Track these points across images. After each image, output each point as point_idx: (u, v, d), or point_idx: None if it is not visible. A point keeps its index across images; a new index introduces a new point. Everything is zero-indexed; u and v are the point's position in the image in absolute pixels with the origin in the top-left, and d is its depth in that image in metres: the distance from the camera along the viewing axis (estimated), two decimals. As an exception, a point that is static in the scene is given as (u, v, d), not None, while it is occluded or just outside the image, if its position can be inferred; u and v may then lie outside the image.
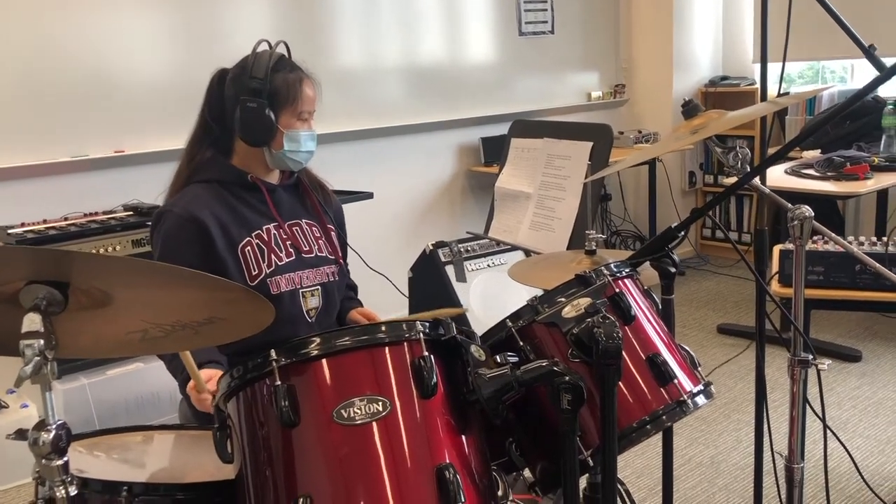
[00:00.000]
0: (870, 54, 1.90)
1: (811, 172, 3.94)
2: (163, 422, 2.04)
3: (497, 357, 1.21)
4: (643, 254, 1.58)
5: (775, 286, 2.24)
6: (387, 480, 1.07)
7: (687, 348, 1.51)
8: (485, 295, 3.05)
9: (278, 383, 1.11)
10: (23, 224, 3.17)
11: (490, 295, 3.01)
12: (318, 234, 1.97)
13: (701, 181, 5.68)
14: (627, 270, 1.47)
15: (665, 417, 1.34)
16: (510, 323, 1.37)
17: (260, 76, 1.79)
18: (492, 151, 4.74)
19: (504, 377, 1.17)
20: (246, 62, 1.83)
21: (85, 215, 3.30)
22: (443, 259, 3.41)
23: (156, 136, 3.50)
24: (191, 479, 1.40)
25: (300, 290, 1.88)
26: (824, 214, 4.93)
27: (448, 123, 4.70)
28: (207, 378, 1.60)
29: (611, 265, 1.44)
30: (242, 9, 3.85)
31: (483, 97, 4.85)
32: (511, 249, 3.00)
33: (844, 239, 2.23)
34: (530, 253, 2.81)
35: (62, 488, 1.07)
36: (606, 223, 5.61)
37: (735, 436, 3.17)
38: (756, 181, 1.66)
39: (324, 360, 1.12)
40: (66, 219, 3.25)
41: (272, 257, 1.85)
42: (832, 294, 2.14)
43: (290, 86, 1.83)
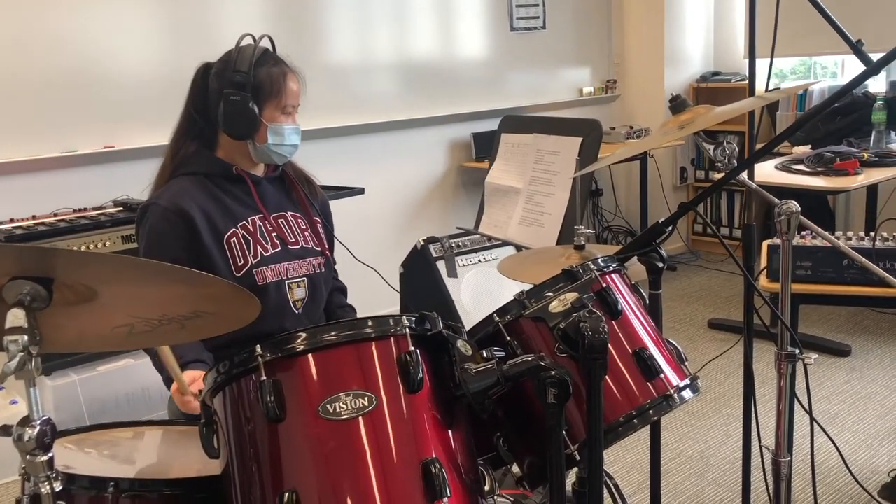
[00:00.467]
0: (857, 50, 1.91)
1: (801, 168, 3.96)
2: (152, 418, 2.04)
3: (484, 352, 1.21)
4: (631, 249, 1.58)
5: (763, 281, 2.24)
6: (373, 475, 1.07)
7: (674, 343, 1.51)
8: (476, 290, 3.05)
9: (264, 378, 1.11)
10: (12, 220, 3.16)
11: (481, 290, 3.01)
12: (304, 226, 1.97)
13: (692, 177, 5.70)
14: (615, 265, 1.47)
15: (652, 412, 1.35)
16: (497, 318, 1.37)
17: (244, 70, 1.78)
18: (483, 147, 4.74)
19: (490, 372, 1.17)
20: (230, 56, 1.82)
21: (74, 211, 3.29)
22: (434, 255, 3.40)
23: (145, 132, 3.48)
24: (177, 475, 1.40)
25: (286, 282, 1.88)
26: (814, 210, 4.95)
27: (439, 119, 4.70)
28: (192, 379, 1.60)
29: (598, 260, 1.44)
30: (233, 4, 3.84)
31: (475, 92, 4.85)
32: (502, 245, 3.00)
33: (834, 234, 2.24)
34: (521, 248, 2.81)
35: (47, 484, 1.07)
36: (598, 218, 5.62)
37: (724, 430, 3.18)
38: (744, 176, 1.67)
39: (309, 356, 1.12)
40: (56, 214, 3.24)
41: (258, 248, 1.85)
42: (820, 289, 2.15)
43: (274, 80, 1.83)
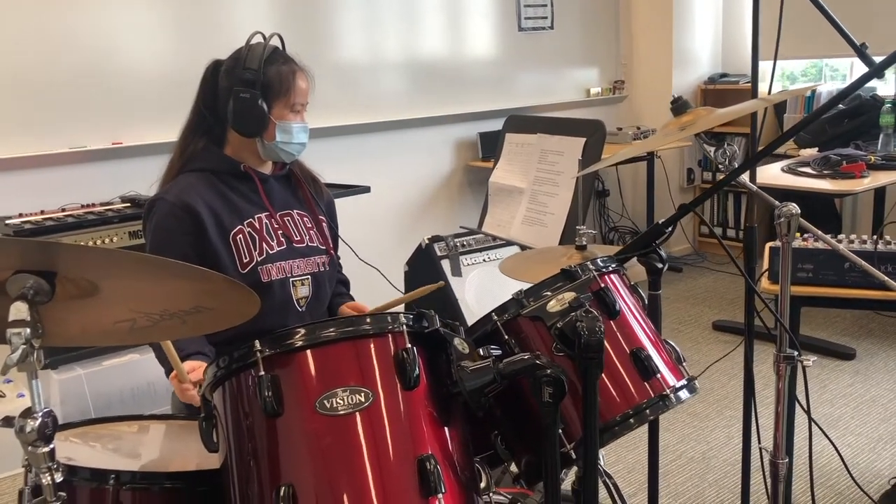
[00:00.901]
0: (861, 52, 1.91)
1: (808, 170, 3.95)
2: (155, 412, 2.05)
3: (480, 350, 1.22)
4: (631, 249, 1.59)
5: (765, 283, 2.25)
6: (368, 470, 1.08)
7: (673, 344, 1.52)
8: (480, 289, 3.06)
9: (262, 373, 1.12)
10: (20, 215, 3.19)
11: (485, 289, 3.02)
12: (310, 225, 1.98)
13: (699, 178, 5.69)
14: (614, 266, 1.48)
15: (648, 411, 1.35)
16: (496, 316, 1.38)
17: (254, 67, 1.80)
18: (490, 146, 4.75)
19: (486, 370, 1.18)
20: (240, 54, 1.84)
21: (82, 206, 3.31)
22: (439, 253, 3.41)
23: (154, 128, 3.51)
24: (178, 468, 1.42)
25: (290, 279, 1.89)
26: (821, 213, 4.94)
27: (446, 118, 4.71)
28: (191, 369, 1.62)
29: (597, 260, 1.45)
30: (242, 3, 3.86)
31: (482, 92, 4.86)
32: (507, 244, 3.01)
33: (838, 237, 2.24)
34: (525, 248, 2.82)
35: (48, 475, 1.09)
36: (604, 219, 5.63)
37: (727, 432, 3.18)
38: (745, 179, 1.67)
39: (308, 351, 1.14)
40: (64, 210, 3.27)
41: (263, 245, 1.87)
42: (821, 291, 2.15)
43: (284, 78, 1.84)
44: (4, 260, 1.06)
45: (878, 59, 1.80)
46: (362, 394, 1.11)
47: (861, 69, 5.22)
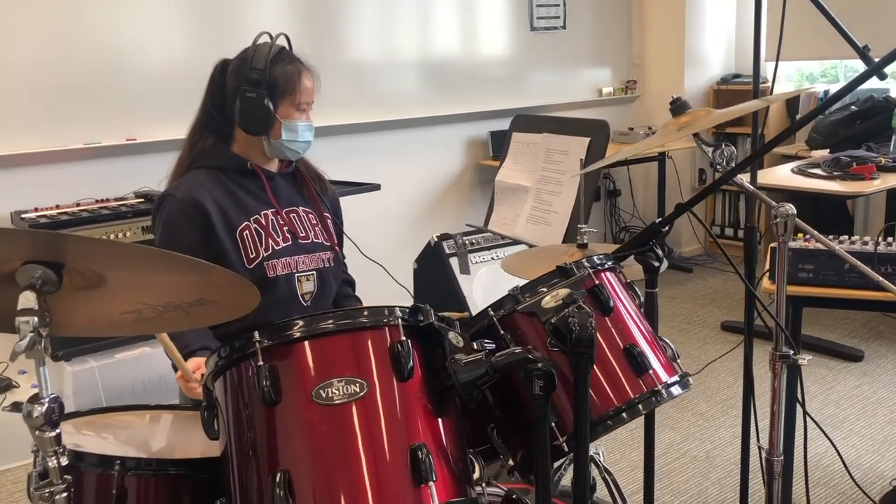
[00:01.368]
0: (863, 54, 1.93)
1: (817, 172, 3.95)
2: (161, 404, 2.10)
3: (474, 344, 1.25)
4: (628, 248, 1.61)
5: (766, 283, 2.26)
6: (362, 458, 1.12)
7: (667, 341, 1.54)
8: (488, 287, 3.09)
9: (261, 363, 1.16)
10: (36, 209, 3.25)
11: (493, 287, 3.05)
12: (315, 222, 2.02)
13: (711, 178, 5.69)
14: (609, 264, 1.50)
15: (641, 405, 1.38)
16: (492, 312, 1.41)
17: (260, 67, 1.84)
18: (500, 145, 4.74)
19: (479, 363, 1.21)
20: (246, 54, 1.88)
21: (97, 201, 3.37)
22: (447, 251, 3.45)
23: (167, 126, 3.55)
24: (182, 456, 1.46)
25: (296, 275, 1.93)
26: (833, 214, 4.93)
27: (458, 117, 4.74)
28: (196, 366, 1.66)
29: (593, 258, 1.48)
30: (257, 1, 3.90)
31: (494, 91, 4.88)
32: (514, 243, 3.04)
33: (840, 238, 2.25)
34: (533, 246, 2.84)
35: (54, 458, 1.13)
36: (615, 219, 5.64)
37: (731, 431, 3.19)
38: (743, 180, 1.69)
39: (305, 343, 1.17)
40: (79, 204, 3.33)
41: (269, 241, 1.90)
42: (822, 292, 2.17)
43: (289, 77, 1.88)
44: (14, 251, 1.10)
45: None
46: (357, 384, 1.15)
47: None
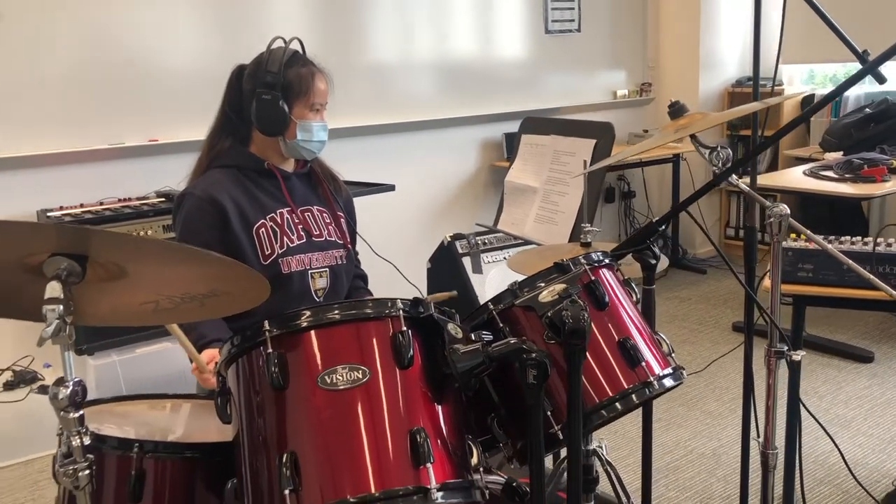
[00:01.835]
0: (863, 59, 1.97)
1: (829, 174, 3.98)
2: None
3: (473, 335, 1.32)
4: (625, 246, 1.67)
5: (767, 282, 2.31)
6: (364, 440, 1.19)
7: (663, 336, 1.60)
8: (500, 286, 3.13)
9: (270, 351, 1.23)
10: (61, 207, 3.35)
11: (505, 286, 3.11)
12: (329, 220, 2.09)
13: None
14: (607, 261, 1.56)
15: (634, 396, 1.44)
16: (492, 306, 1.48)
17: (274, 70, 1.92)
18: (514, 147, 4.83)
19: (476, 353, 1.27)
20: (261, 58, 1.96)
21: (119, 200, 3.47)
22: (460, 251, 3.51)
23: (188, 127, 3.65)
24: (197, 441, 1.54)
25: (309, 271, 2.01)
26: (848, 216, 4.94)
27: (473, 119, 4.80)
28: (210, 357, 1.74)
29: (590, 255, 1.54)
30: (276, 4, 3.99)
31: (509, 94, 4.94)
32: (526, 243, 3.10)
33: (841, 238, 2.30)
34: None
35: (77, 438, 1.21)
36: (630, 220, 5.68)
37: (738, 430, 3.16)
38: (739, 181, 1.75)
39: (312, 332, 1.25)
40: (102, 203, 3.43)
41: (284, 239, 1.98)
42: (821, 291, 2.21)
43: (303, 79, 1.95)
44: (42, 244, 1.18)
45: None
46: (360, 371, 1.22)
47: (890, 71, 5.22)
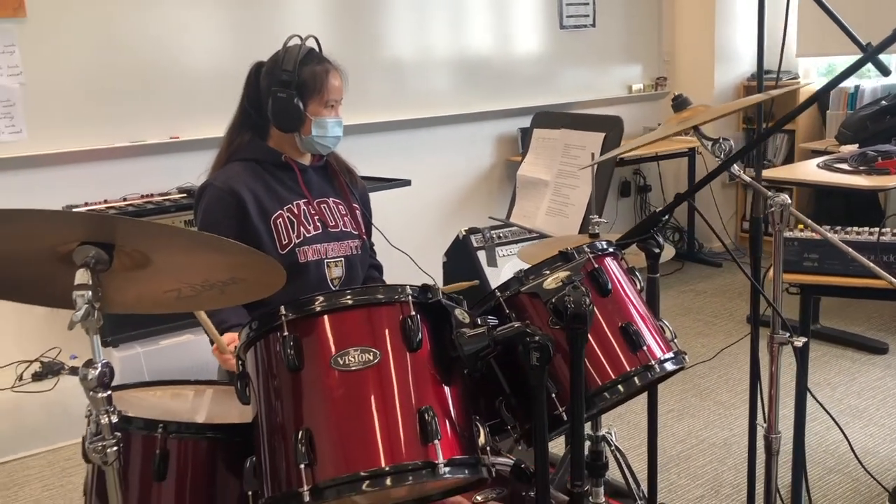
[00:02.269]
0: (864, 48, 2.01)
1: (843, 167, 3.99)
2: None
3: (479, 319, 1.38)
4: (630, 236, 1.72)
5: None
6: (375, 418, 1.25)
7: (667, 324, 1.65)
8: (514, 279, 3.20)
9: (286, 334, 1.30)
10: (86, 203, 3.45)
11: (519, 279, 3.16)
12: (344, 212, 2.16)
13: (741, 173, 5.72)
14: (611, 250, 1.62)
15: (636, 378, 1.49)
16: (498, 293, 1.53)
17: (290, 69, 1.99)
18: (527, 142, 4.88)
19: (482, 336, 1.33)
20: (278, 56, 2.03)
21: (142, 196, 3.57)
22: (475, 245, 3.57)
23: (209, 124, 3.72)
24: (219, 422, 1.61)
25: (325, 261, 2.08)
26: (865, 207, 4.95)
27: (489, 114, 4.85)
28: (230, 340, 1.82)
29: (595, 244, 1.60)
30: (295, 3, 4.07)
31: (524, 89, 4.99)
32: (540, 237, 3.15)
33: (846, 228, 2.33)
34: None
35: (106, 417, 1.28)
36: (645, 213, 5.71)
37: (750, 419, 3.27)
38: (741, 172, 1.79)
39: (325, 316, 1.31)
40: (125, 199, 3.53)
41: (301, 229, 2.05)
42: (828, 280, 2.25)
43: (318, 77, 2.02)
44: (71, 233, 1.25)
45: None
46: (371, 353, 1.28)
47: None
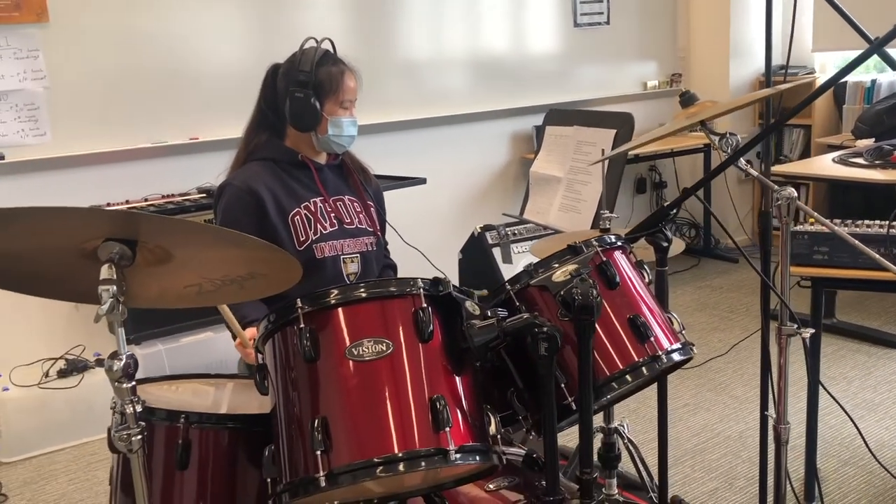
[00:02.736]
0: (870, 40, 2.03)
1: (859, 161, 3.99)
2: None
3: (489, 311, 1.42)
4: (639, 230, 1.76)
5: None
6: (388, 406, 1.30)
7: (675, 316, 1.69)
8: (529, 275, 3.23)
9: (302, 326, 1.35)
10: (108, 204, 3.52)
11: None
12: (359, 209, 2.21)
13: (758, 169, 5.70)
14: (619, 243, 1.65)
15: (644, 369, 1.53)
16: (509, 286, 1.57)
17: (306, 70, 2.04)
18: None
19: (492, 327, 1.38)
20: (295, 58, 2.08)
21: (162, 197, 3.64)
22: (490, 242, 3.61)
23: (228, 125, 3.77)
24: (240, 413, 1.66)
25: (341, 257, 2.13)
26: (881, 201, 4.94)
27: (504, 112, 4.88)
28: (252, 335, 1.87)
29: (603, 238, 1.63)
30: (311, 6, 4.12)
31: (539, 87, 5.01)
32: (554, 233, 3.19)
33: (857, 221, 2.35)
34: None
35: (130, 406, 1.34)
36: (661, 211, 5.71)
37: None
38: (749, 166, 1.82)
39: (340, 308, 1.36)
40: (146, 199, 3.60)
41: (318, 226, 2.11)
42: (838, 273, 2.27)
43: (333, 78, 2.07)
44: (97, 229, 1.31)
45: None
46: (384, 344, 1.33)
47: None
